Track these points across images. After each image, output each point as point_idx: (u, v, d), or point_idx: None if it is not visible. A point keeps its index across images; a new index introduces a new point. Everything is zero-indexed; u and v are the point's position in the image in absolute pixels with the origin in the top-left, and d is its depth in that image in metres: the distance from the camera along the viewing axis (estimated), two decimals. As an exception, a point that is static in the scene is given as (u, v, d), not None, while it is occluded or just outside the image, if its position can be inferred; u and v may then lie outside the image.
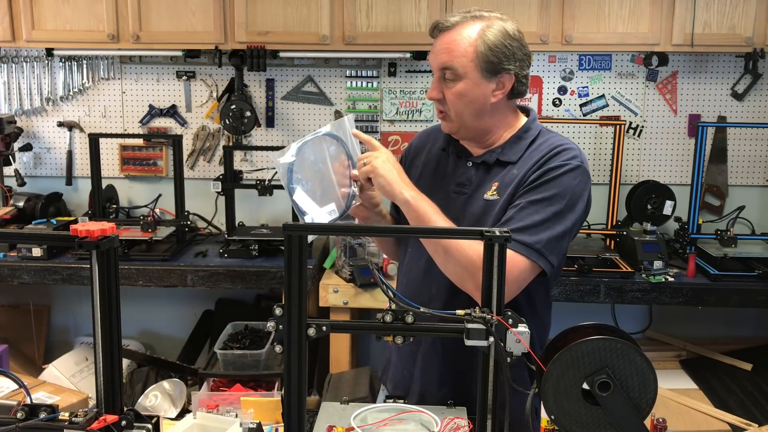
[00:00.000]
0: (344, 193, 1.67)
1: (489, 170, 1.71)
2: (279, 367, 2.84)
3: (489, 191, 1.67)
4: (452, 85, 1.65)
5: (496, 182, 1.68)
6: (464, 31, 1.63)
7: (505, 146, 1.71)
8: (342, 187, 1.66)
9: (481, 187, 1.70)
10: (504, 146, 1.71)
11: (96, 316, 1.17)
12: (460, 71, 1.62)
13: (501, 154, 1.70)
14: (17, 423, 1.19)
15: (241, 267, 3.06)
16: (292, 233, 1.16)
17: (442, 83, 1.66)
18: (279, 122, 3.62)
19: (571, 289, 2.94)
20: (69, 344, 3.68)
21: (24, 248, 3.06)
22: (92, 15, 3.22)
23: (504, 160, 1.69)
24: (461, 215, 1.68)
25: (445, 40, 1.64)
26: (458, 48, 1.62)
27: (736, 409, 2.84)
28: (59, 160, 3.69)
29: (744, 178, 3.55)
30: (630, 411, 1.22)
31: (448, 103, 1.66)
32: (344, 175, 1.67)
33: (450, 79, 1.64)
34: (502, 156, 1.69)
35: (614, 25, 3.14)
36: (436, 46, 1.66)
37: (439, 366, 1.73)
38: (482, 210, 1.66)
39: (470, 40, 1.62)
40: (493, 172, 1.70)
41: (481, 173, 1.72)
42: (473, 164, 1.73)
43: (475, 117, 1.67)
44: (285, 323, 1.18)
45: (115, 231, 1.18)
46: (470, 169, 1.73)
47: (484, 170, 1.72)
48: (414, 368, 1.78)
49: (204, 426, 1.63)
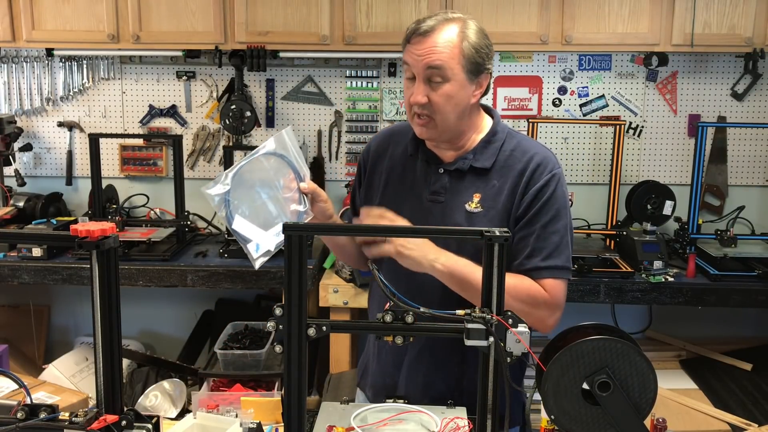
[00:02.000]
0: (294, 211, 1.60)
1: (463, 177, 1.71)
2: (279, 367, 2.84)
3: (471, 203, 1.67)
4: (439, 87, 1.63)
5: (478, 194, 1.68)
6: (444, 33, 1.62)
7: (476, 151, 1.71)
8: (291, 203, 1.60)
9: (457, 195, 1.70)
10: (475, 151, 1.71)
11: (96, 316, 1.17)
12: (447, 73, 1.62)
13: (474, 161, 1.70)
14: (17, 423, 1.19)
15: (241, 267, 3.06)
16: (292, 233, 1.16)
17: (427, 86, 1.64)
18: (279, 122, 3.62)
19: (571, 289, 2.90)
20: (69, 344, 3.68)
21: (24, 248, 3.06)
22: (92, 15, 3.22)
23: (477, 166, 1.70)
24: (441, 224, 1.67)
25: (429, 42, 1.62)
26: (444, 50, 1.61)
27: (736, 409, 2.84)
28: (59, 160, 3.69)
29: (744, 178, 3.55)
30: (630, 411, 1.22)
31: (435, 106, 1.64)
32: (292, 190, 1.61)
33: (437, 82, 1.62)
34: (475, 162, 1.70)
35: (614, 25, 3.14)
36: (417, 49, 1.63)
37: (425, 375, 1.73)
38: (466, 221, 1.66)
39: (454, 41, 1.62)
40: (468, 180, 1.70)
41: (455, 181, 1.71)
42: (445, 171, 1.72)
43: (457, 119, 1.67)
44: (285, 323, 1.18)
45: (115, 231, 1.18)
46: (443, 176, 1.72)
47: (458, 177, 1.71)
48: (398, 376, 1.76)
49: (204, 426, 1.63)
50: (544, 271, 1.63)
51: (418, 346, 1.72)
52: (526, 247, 1.64)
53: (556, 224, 1.65)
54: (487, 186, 1.68)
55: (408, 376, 1.75)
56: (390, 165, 1.81)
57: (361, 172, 1.88)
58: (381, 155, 1.84)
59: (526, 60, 3.51)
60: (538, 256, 1.63)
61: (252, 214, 1.56)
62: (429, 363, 1.72)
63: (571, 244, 1.69)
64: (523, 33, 3.16)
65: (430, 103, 1.63)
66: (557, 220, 1.66)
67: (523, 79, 3.53)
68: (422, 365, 1.73)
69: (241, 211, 1.55)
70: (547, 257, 1.63)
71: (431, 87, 1.63)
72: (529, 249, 1.64)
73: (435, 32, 1.62)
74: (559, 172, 1.69)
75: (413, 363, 1.74)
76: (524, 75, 3.52)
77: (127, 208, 3.64)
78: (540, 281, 1.64)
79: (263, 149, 1.59)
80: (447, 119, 1.65)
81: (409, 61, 1.65)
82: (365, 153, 1.88)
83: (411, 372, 1.74)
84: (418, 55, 1.62)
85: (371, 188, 1.83)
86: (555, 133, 3.55)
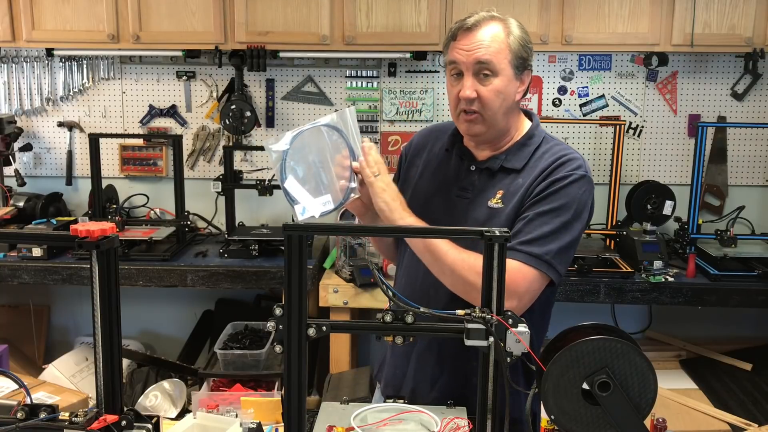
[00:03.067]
0: (342, 186, 1.62)
1: (493, 176, 1.71)
2: (279, 367, 2.84)
3: (493, 199, 1.67)
4: (489, 82, 1.63)
5: (501, 190, 1.68)
6: (491, 28, 1.64)
7: (509, 152, 1.71)
8: (341, 180, 1.62)
9: (483, 192, 1.70)
10: (508, 152, 1.71)
11: (96, 316, 1.17)
12: (497, 67, 1.62)
13: (505, 161, 1.70)
14: (17, 423, 1.19)
15: (241, 267, 3.06)
16: (292, 233, 1.16)
17: (476, 81, 1.63)
18: (279, 122, 3.62)
19: (571, 289, 2.94)
20: (69, 344, 3.68)
21: (24, 248, 3.06)
22: (92, 15, 3.22)
23: (508, 167, 1.69)
24: (463, 220, 1.68)
25: (477, 37, 1.62)
26: (492, 44, 1.62)
27: (736, 409, 2.84)
28: (59, 160, 3.69)
29: (744, 178, 3.55)
30: (630, 411, 1.22)
31: (484, 100, 1.63)
32: (344, 167, 1.62)
33: (486, 75, 1.63)
34: (506, 163, 1.70)
35: (614, 25, 3.14)
36: (465, 45, 1.63)
37: (433, 368, 1.73)
38: (486, 217, 1.66)
39: (501, 36, 1.63)
40: (497, 179, 1.70)
41: (484, 179, 1.71)
42: (476, 169, 1.73)
43: (504, 116, 1.67)
44: (285, 323, 1.18)
45: (115, 231, 1.18)
46: (473, 173, 1.73)
47: (487, 176, 1.71)
48: (407, 368, 1.77)
49: (204, 426, 1.63)
50: (516, 252, 1.54)
51: (427, 339, 1.72)
52: (515, 228, 1.60)
53: (555, 218, 1.59)
54: (512, 184, 1.68)
55: (417, 367, 1.75)
56: (427, 159, 1.82)
57: (401, 166, 1.90)
58: (420, 150, 1.85)
59: (526, 60, 3.51)
60: (518, 238, 1.57)
61: (304, 177, 1.58)
62: (437, 354, 1.72)
63: (567, 248, 1.60)
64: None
65: (480, 98, 1.63)
66: (558, 214, 1.59)
67: (523, 79, 3.52)
68: (431, 356, 1.73)
69: (295, 173, 1.57)
70: (527, 242, 1.56)
71: (480, 82, 1.63)
72: (515, 230, 1.59)
73: (481, 27, 1.63)
74: (586, 175, 1.65)
75: (422, 354, 1.74)
76: (524, 75, 3.52)
77: (127, 208, 3.64)
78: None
79: (325, 120, 1.62)
80: (495, 115, 1.65)
81: (456, 57, 1.65)
82: (407, 147, 1.91)
83: (419, 363, 1.75)
84: (466, 50, 1.63)
85: (407, 181, 1.84)
86: (555, 133, 3.54)
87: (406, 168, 1.88)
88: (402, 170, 1.89)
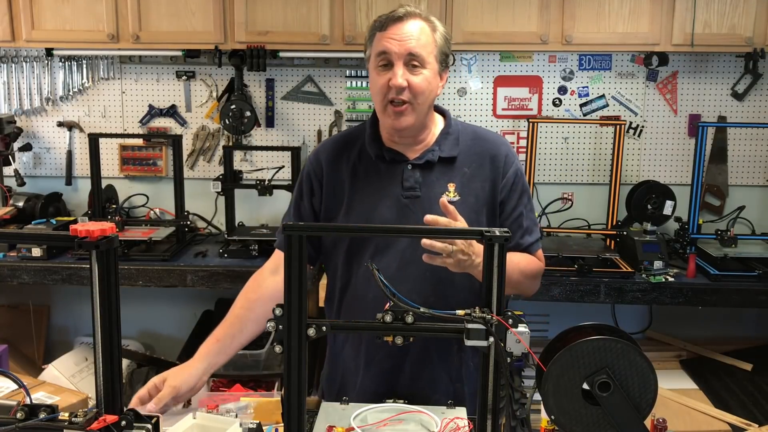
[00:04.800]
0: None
1: (432, 169, 1.73)
2: (279, 367, 2.84)
3: (448, 193, 1.70)
4: (418, 72, 1.65)
5: (452, 183, 1.71)
6: (419, 22, 1.67)
7: (439, 143, 1.76)
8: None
9: (431, 187, 1.72)
10: (438, 143, 1.76)
11: (96, 316, 1.17)
12: (426, 59, 1.65)
13: (440, 152, 1.74)
14: (17, 423, 1.19)
15: (241, 267, 3.06)
16: (292, 233, 1.16)
17: (406, 71, 1.65)
18: (279, 122, 3.62)
19: (571, 289, 2.94)
20: (69, 344, 3.68)
21: (24, 248, 3.06)
22: (92, 15, 3.21)
23: (445, 156, 1.74)
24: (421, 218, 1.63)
25: (407, 28, 1.65)
26: (422, 37, 1.65)
27: (736, 409, 2.84)
28: (59, 160, 3.69)
29: (744, 178, 3.55)
30: (630, 411, 1.22)
31: (416, 90, 1.65)
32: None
33: (415, 67, 1.65)
34: (442, 153, 1.74)
35: (614, 25, 3.14)
36: (396, 35, 1.64)
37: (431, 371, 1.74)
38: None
39: (428, 30, 1.67)
40: (438, 171, 1.73)
41: (425, 174, 1.74)
42: (414, 166, 1.74)
43: (427, 109, 1.72)
44: (285, 323, 1.17)
45: (114, 231, 1.17)
46: (413, 171, 1.74)
47: (427, 170, 1.74)
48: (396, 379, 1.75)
49: (204, 426, 1.63)
50: (536, 243, 1.82)
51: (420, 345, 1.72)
52: (521, 226, 1.77)
53: (529, 202, 1.81)
54: (459, 174, 1.73)
55: (411, 373, 1.74)
56: (351, 171, 1.77)
57: (312, 186, 1.81)
58: (336, 164, 1.79)
59: (527, 60, 3.51)
60: (531, 233, 1.79)
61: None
62: (433, 358, 1.72)
63: None
64: (523, 33, 3.15)
65: (410, 87, 1.65)
66: (529, 198, 1.83)
67: (523, 79, 3.52)
68: (427, 359, 1.73)
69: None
70: (534, 232, 1.81)
71: (410, 71, 1.65)
72: (524, 227, 1.77)
73: (410, 19, 1.66)
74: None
75: (418, 360, 1.73)
76: (524, 75, 3.52)
77: (127, 208, 3.63)
78: (536, 254, 1.81)
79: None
80: (423, 106, 1.68)
81: (387, 46, 1.65)
82: (314, 165, 1.80)
83: (414, 369, 1.73)
84: (398, 40, 1.64)
85: (333, 198, 1.77)
86: (555, 133, 3.55)
87: (326, 186, 1.78)
88: (319, 189, 1.79)
